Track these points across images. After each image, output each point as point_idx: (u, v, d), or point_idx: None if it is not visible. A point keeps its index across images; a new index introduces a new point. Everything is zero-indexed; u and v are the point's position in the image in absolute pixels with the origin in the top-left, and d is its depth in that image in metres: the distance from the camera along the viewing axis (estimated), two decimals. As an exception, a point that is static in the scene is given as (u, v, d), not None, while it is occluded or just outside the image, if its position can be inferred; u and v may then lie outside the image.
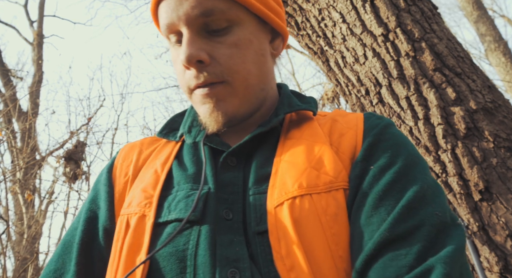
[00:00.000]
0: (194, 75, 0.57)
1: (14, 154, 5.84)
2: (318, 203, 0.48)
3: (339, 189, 0.51)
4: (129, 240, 0.51)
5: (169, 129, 0.68)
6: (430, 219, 0.45)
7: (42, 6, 8.86)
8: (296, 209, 0.48)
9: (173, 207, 0.53)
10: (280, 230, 0.47)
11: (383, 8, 1.52)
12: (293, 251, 0.45)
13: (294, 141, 0.59)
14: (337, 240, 0.47)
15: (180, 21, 0.56)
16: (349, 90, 1.66)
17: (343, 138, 0.58)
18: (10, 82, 7.70)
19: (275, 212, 0.49)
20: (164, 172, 0.59)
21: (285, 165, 0.54)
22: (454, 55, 1.44)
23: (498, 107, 1.34)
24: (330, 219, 0.47)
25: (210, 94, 0.57)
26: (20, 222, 5.27)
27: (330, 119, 0.63)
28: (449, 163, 1.28)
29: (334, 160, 0.54)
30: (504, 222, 1.15)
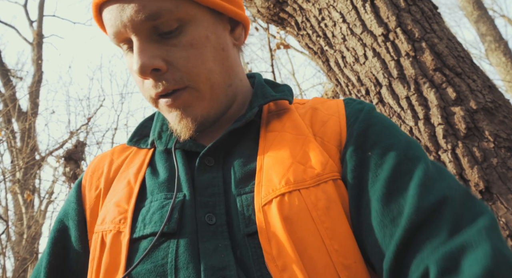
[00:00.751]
0: (152, 85, 0.53)
1: (13, 154, 5.83)
2: (308, 198, 0.47)
3: (327, 180, 0.49)
4: (105, 260, 0.49)
5: (140, 136, 0.64)
6: (449, 192, 0.43)
7: (42, 6, 8.86)
8: (286, 206, 0.46)
9: (148, 220, 0.50)
10: (269, 229, 0.45)
11: (383, 8, 1.52)
12: (285, 250, 0.44)
13: (276, 133, 0.56)
14: (331, 234, 0.45)
15: (126, 28, 0.51)
16: (349, 90, 1.66)
17: (326, 126, 0.56)
18: (9, 82, 7.70)
19: (263, 211, 0.47)
20: (137, 183, 0.55)
21: (270, 160, 0.52)
22: (454, 55, 1.43)
23: (498, 107, 1.34)
24: (321, 213, 0.46)
25: (175, 104, 0.54)
26: (19, 222, 5.27)
27: (310, 108, 0.60)
28: (450, 163, 1.28)
29: (319, 151, 0.52)
30: (504, 222, 1.15)
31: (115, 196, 0.55)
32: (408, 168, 0.47)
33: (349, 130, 0.54)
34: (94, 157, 0.66)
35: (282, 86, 0.65)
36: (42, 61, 8.21)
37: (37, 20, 8.75)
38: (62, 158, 5.18)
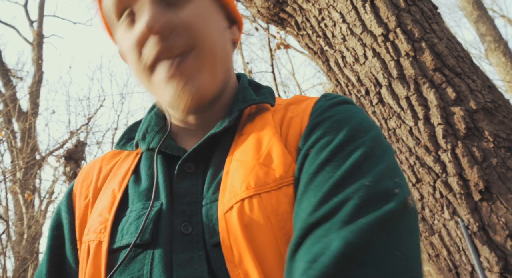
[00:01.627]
0: (156, 42, 0.49)
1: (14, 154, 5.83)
2: (268, 202, 0.44)
3: (289, 184, 0.46)
4: (89, 270, 0.48)
5: (126, 139, 0.62)
6: (358, 192, 0.40)
7: (42, 6, 8.86)
8: (245, 212, 0.44)
9: (125, 231, 0.48)
10: (231, 237, 0.44)
11: (383, 8, 1.52)
12: (245, 258, 0.42)
13: (245, 136, 0.54)
14: (288, 240, 0.43)
15: None
16: (349, 90, 1.66)
17: (290, 126, 0.53)
18: (10, 82, 7.70)
19: (225, 218, 0.45)
20: (120, 191, 0.53)
21: (235, 164, 0.49)
22: (454, 55, 1.44)
23: (498, 107, 1.34)
24: (281, 218, 0.44)
25: (178, 71, 0.50)
26: (20, 222, 5.27)
27: (283, 107, 0.58)
28: (449, 163, 1.28)
29: (283, 153, 0.48)
30: (504, 222, 1.15)
31: (100, 205, 0.54)
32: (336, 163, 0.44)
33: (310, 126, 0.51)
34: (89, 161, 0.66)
35: (264, 89, 0.63)
36: (42, 61, 8.21)
37: (37, 20, 8.75)
38: (62, 157, 5.18)
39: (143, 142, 0.57)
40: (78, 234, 0.55)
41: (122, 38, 0.54)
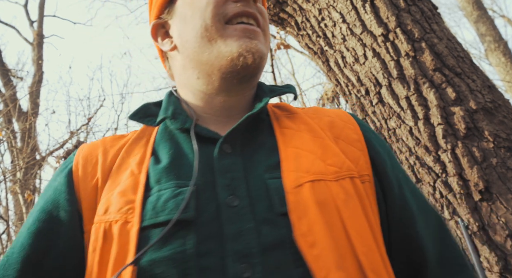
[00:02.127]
0: (242, 5, 0.58)
1: (14, 154, 5.83)
2: (331, 188, 0.51)
3: (345, 178, 0.53)
4: (114, 250, 0.47)
5: (143, 114, 0.63)
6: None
7: (42, 6, 8.86)
8: (316, 190, 0.50)
9: (160, 208, 0.49)
10: (300, 209, 0.48)
11: (383, 8, 1.52)
12: (315, 228, 0.46)
13: (292, 131, 0.59)
14: (350, 223, 0.48)
15: None
16: (349, 90, 1.66)
17: (345, 131, 0.62)
18: (10, 82, 7.70)
19: (295, 192, 0.49)
20: (142, 173, 0.54)
21: (293, 152, 0.55)
22: (454, 55, 1.44)
23: (498, 107, 1.34)
24: (341, 204, 0.49)
25: (253, 34, 0.58)
26: (20, 222, 5.27)
27: (324, 115, 0.65)
28: (449, 163, 1.28)
29: (336, 152, 0.56)
30: (504, 222, 1.15)
31: (118, 186, 0.53)
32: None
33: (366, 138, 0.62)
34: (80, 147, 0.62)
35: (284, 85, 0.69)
36: (43, 61, 8.21)
37: (37, 20, 8.75)
38: (62, 158, 5.18)
39: (175, 121, 0.59)
40: (86, 215, 0.53)
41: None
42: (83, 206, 0.54)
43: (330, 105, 5.57)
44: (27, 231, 0.53)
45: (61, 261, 0.52)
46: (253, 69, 0.58)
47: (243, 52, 0.56)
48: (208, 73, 0.59)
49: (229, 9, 0.57)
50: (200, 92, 0.62)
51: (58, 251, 0.52)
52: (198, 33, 0.59)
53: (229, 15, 0.57)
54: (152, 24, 0.67)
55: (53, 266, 0.51)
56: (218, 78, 0.59)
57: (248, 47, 0.56)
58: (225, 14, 0.57)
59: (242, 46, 0.56)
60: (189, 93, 0.63)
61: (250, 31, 0.57)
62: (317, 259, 0.44)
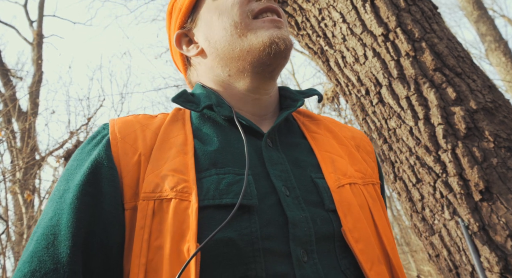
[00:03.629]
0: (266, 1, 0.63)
1: (13, 154, 5.83)
2: (363, 191, 0.58)
3: (369, 183, 0.61)
4: (171, 227, 0.47)
5: (185, 99, 0.64)
6: None
7: (42, 6, 8.86)
8: (354, 190, 0.57)
9: (224, 191, 0.50)
10: (344, 207, 0.54)
11: (383, 8, 1.52)
12: (358, 225, 0.52)
13: (319, 136, 0.66)
14: (379, 223, 0.55)
15: None
16: (349, 90, 1.66)
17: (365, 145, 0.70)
18: (9, 82, 7.70)
19: (338, 192, 0.55)
20: (190, 153, 0.54)
21: (328, 155, 0.61)
22: (454, 55, 1.43)
23: (498, 107, 1.34)
24: (371, 205, 0.57)
25: (279, 24, 0.62)
26: (20, 222, 5.27)
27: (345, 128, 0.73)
28: (449, 163, 1.28)
29: (360, 160, 0.64)
30: (504, 222, 1.15)
31: (166, 164, 0.53)
32: None
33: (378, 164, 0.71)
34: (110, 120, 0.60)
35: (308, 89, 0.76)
36: (42, 61, 8.20)
37: (37, 20, 8.75)
38: (62, 158, 5.18)
39: (221, 108, 0.61)
40: (127, 192, 0.51)
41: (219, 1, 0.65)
42: (124, 182, 0.52)
43: (330, 105, 5.56)
44: (69, 207, 0.49)
45: (105, 238, 0.49)
46: (285, 55, 0.62)
47: (275, 39, 0.60)
48: (240, 69, 0.63)
49: (254, 5, 0.63)
50: (232, 89, 0.65)
51: (103, 227, 0.50)
52: (228, 31, 0.63)
53: (255, 11, 0.62)
54: (176, 34, 0.71)
55: (98, 243, 0.49)
56: (250, 73, 0.63)
57: (278, 34, 0.61)
58: (251, 10, 0.62)
59: (273, 34, 0.60)
60: (220, 92, 0.66)
61: (277, 22, 0.62)
62: (362, 253, 0.50)
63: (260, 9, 0.63)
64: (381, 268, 0.50)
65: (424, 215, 1.37)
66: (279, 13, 0.65)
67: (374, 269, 0.49)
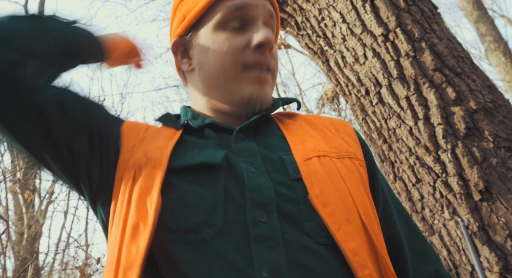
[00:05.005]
0: (261, 54, 0.65)
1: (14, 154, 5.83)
2: (335, 162, 0.60)
3: (344, 157, 0.63)
4: (139, 185, 0.53)
5: (167, 119, 0.71)
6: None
7: (42, 6, 8.86)
8: (323, 162, 0.59)
9: (197, 156, 0.56)
10: (312, 175, 0.56)
11: (383, 8, 1.52)
12: (326, 190, 0.55)
13: (295, 126, 0.69)
14: (353, 190, 0.57)
15: (256, 10, 0.66)
16: (349, 90, 1.66)
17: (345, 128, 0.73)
18: (10, 82, 7.68)
19: (305, 164, 0.58)
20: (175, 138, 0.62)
21: (299, 138, 0.65)
22: (454, 55, 1.44)
23: (498, 107, 1.34)
24: (345, 175, 0.58)
25: (264, 81, 0.66)
26: (20, 222, 5.27)
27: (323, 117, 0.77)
28: (449, 163, 1.28)
29: (336, 138, 0.67)
30: (504, 222, 1.15)
31: (152, 144, 0.61)
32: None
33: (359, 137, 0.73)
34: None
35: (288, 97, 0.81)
36: (42, 61, 8.19)
37: (37, 20, 8.73)
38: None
39: (195, 121, 0.67)
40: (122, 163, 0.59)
41: (219, 34, 0.67)
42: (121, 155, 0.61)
43: (330, 105, 5.56)
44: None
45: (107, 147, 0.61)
46: (260, 111, 0.67)
47: (253, 98, 0.65)
48: (220, 103, 0.68)
49: (247, 57, 0.65)
50: (213, 106, 0.70)
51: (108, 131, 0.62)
52: (217, 73, 0.66)
53: (247, 64, 0.65)
54: (173, 41, 0.74)
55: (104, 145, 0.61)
56: (228, 110, 0.68)
57: (257, 95, 0.65)
58: (244, 62, 0.65)
59: (253, 93, 0.65)
60: (202, 107, 0.72)
61: (262, 79, 0.66)
62: (330, 216, 0.52)
63: (251, 63, 0.65)
64: (349, 227, 0.52)
65: (424, 215, 1.38)
66: (269, 66, 0.67)
67: (342, 229, 0.51)
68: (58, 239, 7.51)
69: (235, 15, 0.66)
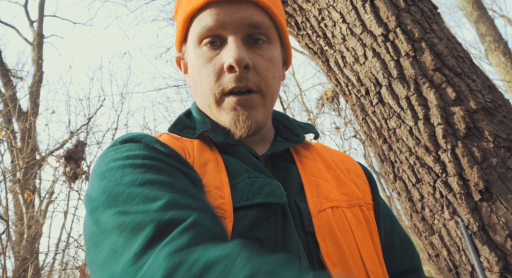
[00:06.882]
0: (235, 78, 0.60)
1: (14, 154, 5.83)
2: (346, 214, 0.60)
3: (355, 206, 0.63)
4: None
5: (181, 126, 0.67)
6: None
7: (42, 6, 8.85)
8: (335, 214, 0.59)
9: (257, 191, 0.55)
10: (324, 231, 0.56)
11: (383, 8, 1.52)
12: (337, 249, 0.54)
13: (309, 160, 0.68)
14: (361, 245, 0.57)
15: (229, 26, 0.60)
16: (349, 90, 1.66)
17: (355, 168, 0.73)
18: (10, 82, 7.70)
19: (319, 216, 0.58)
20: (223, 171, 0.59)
21: (313, 179, 0.63)
22: (454, 55, 1.44)
23: (498, 107, 1.34)
24: (354, 228, 0.59)
25: (245, 103, 0.61)
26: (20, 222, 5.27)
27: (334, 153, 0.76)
28: (449, 163, 1.28)
29: (347, 183, 0.66)
30: (504, 222, 1.15)
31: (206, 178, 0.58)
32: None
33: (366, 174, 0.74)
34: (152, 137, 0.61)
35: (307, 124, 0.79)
36: (43, 61, 8.20)
37: (37, 20, 8.74)
38: (62, 157, 5.19)
39: (216, 134, 0.65)
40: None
41: (199, 51, 0.64)
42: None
43: (330, 105, 5.56)
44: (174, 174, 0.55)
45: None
46: (247, 135, 0.63)
47: (236, 124, 0.62)
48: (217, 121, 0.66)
49: (223, 82, 0.61)
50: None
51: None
52: (201, 97, 0.65)
53: (224, 90, 0.62)
54: (175, 57, 0.74)
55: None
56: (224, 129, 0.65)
57: (239, 120, 0.61)
58: (221, 88, 0.62)
59: (233, 119, 0.62)
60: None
61: (243, 103, 0.61)
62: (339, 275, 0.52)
63: (227, 89, 0.61)
64: None
65: (424, 215, 1.38)
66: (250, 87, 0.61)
67: None
68: (58, 239, 7.50)
69: (208, 34, 0.62)
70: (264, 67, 0.63)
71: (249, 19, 0.61)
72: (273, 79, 0.64)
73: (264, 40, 0.64)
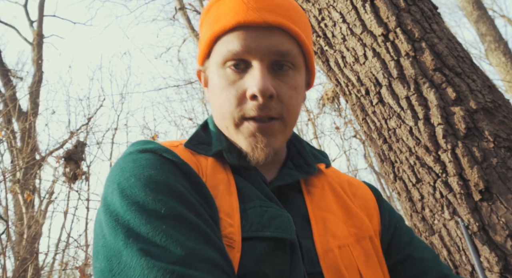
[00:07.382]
0: (258, 107, 0.59)
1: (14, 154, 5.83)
2: (353, 251, 0.59)
3: (365, 238, 0.62)
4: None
5: (197, 141, 0.67)
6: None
7: (42, 6, 8.85)
8: (343, 254, 0.58)
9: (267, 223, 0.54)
10: (330, 271, 0.55)
11: (383, 8, 1.52)
12: None
13: (317, 190, 0.67)
14: None
15: (256, 52, 0.59)
16: (349, 90, 1.66)
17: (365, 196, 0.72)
18: (10, 82, 7.70)
19: (325, 257, 0.57)
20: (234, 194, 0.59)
21: (320, 214, 0.63)
22: (454, 55, 1.44)
23: (498, 107, 1.34)
24: (362, 266, 0.58)
25: (266, 130, 0.60)
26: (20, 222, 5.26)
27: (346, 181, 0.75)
28: (449, 163, 1.28)
29: (355, 212, 0.65)
30: (504, 222, 1.15)
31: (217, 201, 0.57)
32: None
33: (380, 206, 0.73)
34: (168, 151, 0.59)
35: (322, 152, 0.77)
36: (42, 61, 8.20)
37: (37, 20, 8.74)
38: (62, 158, 5.19)
39: (231, 155, 0.64)
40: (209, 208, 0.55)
41: (222, 72, 0.63)
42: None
43: (330, 105, 5.56)
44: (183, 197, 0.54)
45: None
46: (263, 162, 0.62)
47: (253, 151, 0.61)
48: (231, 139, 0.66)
49: (244, 108, 0.60)
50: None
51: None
52: (219, 117, 0.65)
53: (244, 116, 0.61)
54: (196, 70, 0.73)
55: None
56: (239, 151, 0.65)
57: (257, 147, 0.61)
58: (242, 114, 0.61)
59: (251, 145, 0.61)
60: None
61: (263, 129, 0.61)
62: None
63: (248, 116, 0.61)
64: None
65: (424, 215, 1.37)
66: (271, 116, 0.61)
67: None
68: (58, 239, 7.50)
69: (233, 58, 0.61)
70: (287, 95, 0.62)
71: (277, 48, 0.60)
72: (296, 107, 0.64)
73: (290, 67, 0.63)
